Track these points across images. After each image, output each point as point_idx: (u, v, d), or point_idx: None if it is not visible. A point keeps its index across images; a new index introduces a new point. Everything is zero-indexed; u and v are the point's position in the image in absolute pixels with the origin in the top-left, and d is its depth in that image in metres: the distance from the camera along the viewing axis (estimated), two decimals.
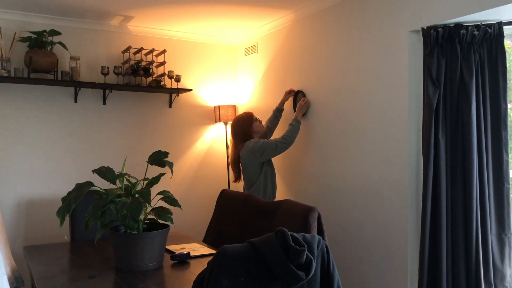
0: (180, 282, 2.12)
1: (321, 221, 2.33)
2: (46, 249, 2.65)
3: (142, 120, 4.04)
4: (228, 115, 4.21)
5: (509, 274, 2.47)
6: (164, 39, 4.11)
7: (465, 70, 2.47)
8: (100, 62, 3.82)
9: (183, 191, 4.15)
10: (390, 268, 2.80)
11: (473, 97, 2.45)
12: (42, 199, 3.60)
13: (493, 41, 2.45)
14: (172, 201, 2.23)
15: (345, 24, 3.17)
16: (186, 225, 3.91)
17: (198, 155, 4.32)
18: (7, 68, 3.33)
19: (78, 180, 2.26)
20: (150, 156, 2.30)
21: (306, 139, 3.58)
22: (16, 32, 3.45)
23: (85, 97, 3.78)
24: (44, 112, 3.63)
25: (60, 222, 2.03)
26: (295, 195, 3.64)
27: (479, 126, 2.46)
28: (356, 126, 3.07)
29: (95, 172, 2.19)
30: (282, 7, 3.52)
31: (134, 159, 3.64)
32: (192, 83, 4.25)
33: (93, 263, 2.34)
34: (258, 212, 2.79)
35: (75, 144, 3.75)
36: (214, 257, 1.49)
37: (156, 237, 2.17)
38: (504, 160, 2.46)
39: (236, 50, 4.53)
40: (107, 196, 2.13)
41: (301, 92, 3.60)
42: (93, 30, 3.83)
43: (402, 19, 2.73)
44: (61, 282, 2.05)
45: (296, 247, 1.52)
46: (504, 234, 2.47)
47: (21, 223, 3.54)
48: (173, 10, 3.54)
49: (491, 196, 2.47)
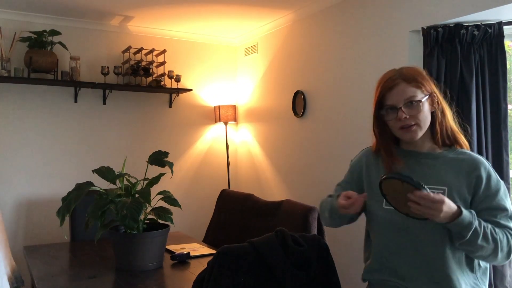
0: (180, 282, 2.12)
1: (321, 221, 2.33)
2: (46, 249, 2.64)
3: (142, 120, 4.04)
4: (228, 115, 4.21)
5: (509, 274, 2.47)
6: (164, 39, 4.11)
7: (465, 70, 2.47)
8: (100, 62, 3.82)
9: (183, 191, 4.15)
10: None
11: (473, 97, 2.45)
12: (42, 199, 3.60)
13: (493, 41, 2.44)
14: (172, 201, 2.23)
15: (345, 24, 3.17)
16: (186, 225, 3.91)
17: (198, 155, 4.32)
18: (7, 68, 3.33)
19: (78, 180, 2.26)
20: (150, 156, 2.30)
21: (306, 139, 3.58)
22: (16, 32, 3.45)
23: (85, 97, 3.78)
24: (44, 112, 3.63)
25: (60, 222, 2.03)
26: (295, 195, 3.64)
27: (479, 126, 2.45)
28: (356, 126, 3.07)
29: (95, 172, 2.19)
30: (282, 7, 3.52)
31: (134, 159, 3.63)
32: (192, 83, 4.25)
33: (93, 263, 2.33)
34: (258, 212, 2.79)
35: (75, 144, 3.75)
36: (214, 257, 1.49)
37: (156, 237, 2.17)
38: (504, 160, 2.46)
39: (236, 50, 4.53)
40: (107, 196, 2.13)
41: (300, 91, 3.60)
42: (93, 30, 3.83)
43: (402, 19, 2.73)
44: (61, 282, 2.05)
45: (296, 247, 1.52)
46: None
47: (21, 223, 3.54)
48: (173, 10, 3.54)
49: None
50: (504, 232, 1.40)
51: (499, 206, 1.42)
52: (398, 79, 1.45)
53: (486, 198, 1.42)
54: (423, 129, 1.45)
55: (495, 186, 1.44)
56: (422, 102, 1.43)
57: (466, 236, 1.32)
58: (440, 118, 1.47)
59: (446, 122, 1.49)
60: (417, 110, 1.42)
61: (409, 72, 1.47)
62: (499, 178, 1.46)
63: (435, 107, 1.47)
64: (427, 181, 1.38)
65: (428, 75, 1.51)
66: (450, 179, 1.44)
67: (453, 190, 1.42)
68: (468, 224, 1.32)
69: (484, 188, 1.43)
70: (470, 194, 1.44)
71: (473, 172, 1.44)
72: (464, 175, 1.44)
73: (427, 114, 1.45)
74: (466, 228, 1.32)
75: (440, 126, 1.48)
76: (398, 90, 1.44)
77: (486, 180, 1.44)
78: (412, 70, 1.49)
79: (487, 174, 1.45)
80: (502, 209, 1.42)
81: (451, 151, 1.49)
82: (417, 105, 1.42)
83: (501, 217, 1.42)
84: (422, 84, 1.45)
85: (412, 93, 1.43)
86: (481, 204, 1.43)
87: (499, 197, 1.44)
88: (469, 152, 1.50)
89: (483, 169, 1.44)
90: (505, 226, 1.41)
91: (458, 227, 1.33)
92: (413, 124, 1.43)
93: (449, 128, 1.49)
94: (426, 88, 1.45)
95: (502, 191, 1.45)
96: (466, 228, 1.32)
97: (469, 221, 1.32)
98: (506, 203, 1.45)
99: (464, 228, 1.32)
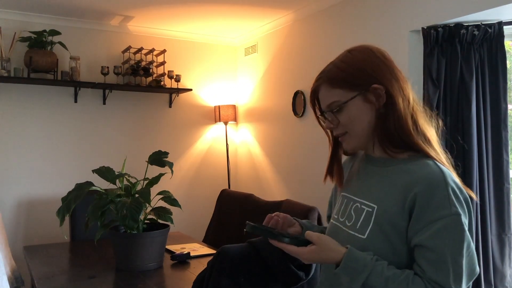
0: (180, 282, 2.12)
1: (321, 221, 2.33)
2: (46, 249, 2.64)
3: (142, 120, 4.04)
4: (228, 115, 4.21)
5: (509, 274, 2.47)
6: (164, 39, 4.11)
7: (465, 70, 2.47)
8: (100, 62, 3.82)
9: (183, 191, 4.15)
10: None
11: (473, 97, 2.45)
12: (42, 199, 3.60)
13: (493, 41, 2.44)
14: (172, 201, 2.23)
15: (345, 24, 3.17)
16: (186, 225, 3.91)
17: (198, 155, 4.32)
18: (7, 68, 3.33)
19: (78, 180, 2.25)
20: (150, 156, 2.29)
21: (306, 139, 3.58)
22: (16, 32, 3.44)
23: (85, 97, 3.78)
24: (44, 112, 3.63)
25: (60, 222, 2.03)
26: (295, 195, 3.64)
27: (479, 126, 2.45)
28: None
29: (95, 172, 2.18)
30: (282, 7, 3.52)
31: (134, 159, 3.63)
32: (192, 83, 4.25)
33: (93, 263, 2.33)
34: (258, 212, 2.79)
35: (75, 144, 3.74)
36: (214, 257, 1.49)
37: (156, 237, 2.17)
38: (504, 160, 2.46)
39: (236, 50, 4.53)
40: (107, 196, 2.13)
41: (300, 91, 3.61)
42: (93, 30, 3.83)
43: (402, 19, 2.73)
44: (61, 282, 2.05)
45: None
46: (504, 234, 2.47)
47: (21, 223, 3.54)
48: (173, 10, 3.54)
49: (491, 196, 2.47)
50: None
51: (431, 245, 0.98)
52: (321, 79, 1.15)
53: (420, 231, 1.00)
54: (357, 137, 1.12)
55: (437, 215, 0.98)
56: (347, 105, 1.09)
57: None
58: (383, 116, 1.09)
59: (396, 120, 1.08)
60: (339, 116, 1.11)
61: (338, 66, 1.12)
62: (452, 207, 0.99)
63: (379, 102, 1.09)
64: (361, 194, 1.12)
65: (387, 60, 1.13)
66: (383, 196, 1.07)
67: (380, 211, 1.06)
68: (352, 277, 1.01)
69: (420, 215, 1.00)
70: (405, 219, 1.03)
71: (413, 190, 1.02)
72: (400, 192, 1.04)
73: (358, 117, 1.10)
74: (352, 281, 1.01)
75: (385, 125, 1.09)
76: (321, 93, 1.16)
77: (426, 203, 1.00)
78: (344, 60, 1.13)
79: (432, 195, 1.00)
80: (434, 251, 0.98)
81: (410, 160, 1.09)
82: (340, 110, 1.11)
83: (429, 263, 0.98)
84: (348, 81, 1.10)
85: (332, 98, 1.11)
86: (414, 238, 1.01)
87: (438, 232, 0.98)
88: (432, 164, 1.05)
89: (428, 187, 1.00)
90: (431, 279, 0.98)
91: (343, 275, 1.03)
92: (343, 133, 1.13)
93: (400, 127, 1.08)
94: (355, 85, 1.09)
95: (448, 225, 0.98)
96: (352, 280, 1.02)
97: (351, 275, 1.01)
98: (444, 243, 0.97)
99: (350, 279, 1.02)
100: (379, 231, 1.05)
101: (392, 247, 1.04)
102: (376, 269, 0.99)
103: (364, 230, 1.07)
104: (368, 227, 1.06)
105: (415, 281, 0.99)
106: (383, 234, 1.04)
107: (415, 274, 1.00)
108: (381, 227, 1.05)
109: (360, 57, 1.12)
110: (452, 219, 0.98)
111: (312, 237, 1.04)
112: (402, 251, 1.04)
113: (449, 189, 1.00)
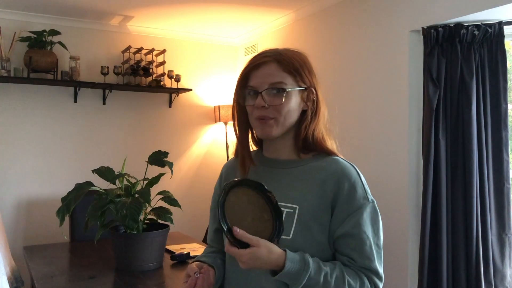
0: (180, 282, 2.11)
1: None
2: (46, 249, 2.64)
3: (142, 120, 4.04)
4: (228, 115, 4.21)
5: (509, 274, 2.47)
6: (164, 39, 4.10)
7: (465, 70, 2.46)
8: (100, 62, 3.82)
9: (183, 191, 4.15)
10: (390, 268, 2.80)
11: (473, 97, 2.44)
12: (42, 199, 3.60)
13: (493, 41, 2.44)
14: (172, 201, 2.23)
15: (345, 24, 3.17)
16: (186, 225, 3.91)
17: (198, 155, 4.32)
18: (7, 68, 3.33)
19: (78, 180, 2.25)
20: (150, 156, 2.29)
21: None
22: (16, 32, 3.44)
23: (85, 97, 3.78)
24: (44, 112, 3.63)
25: (60, 222, 2.03)
26: None
27: (479, 126, 2.45)
28: (356, 126, 3.07)
29: (95, 172, 2.18)
30: (282, 7, 3.52)
31: (134, 159, 3.63)
32: (192, 83, 4.25)
33: (93, 263, 2.33)
34: None
35: (75, 144, 3.74)
36: None
37: (156, 237, 2.17)
38: (504, 160, 2.46)
39: (236, 50, 4.53)
40: (107, 196, 2.13)
41: None
42: (93, 30, 3.83)
43: (402, 19, 2.72)
44: (61, 282, 2.05)
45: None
46: (504, 234, 2.47)
47: (21, 223, 3.54)
48: (173, 10, 3.54)
49: (491, 196, 2.47)
50: (357, 277, 1.05)
51: (356, 233, 1.05)
52: (269, 57, 1.12)
53: (344, 221, 1.06)
54: (282, 127, 1.12)
55: (357, 204, 1.07)
56: (289, 93, 1.10)
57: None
58: (309, 119, 1.14)
59: (315, 126, 1.15)
60: (280, 101, 1.09)
61: (289, 55, 1.13)
62: (368, 196, 1.09)
63: (308, 106, 1.14)
64: (277, 197, 1.05)
65: (310, 68, 1.17)
66: (302, 195, 1.09)
67: (304, 209, 1.08)
68: (294, 279, 1.00)
69: (342, 206, 1.07)
70: (328, 213, 1.08)
71: (332, 184, 1.08)
72: (320, 188, 1.09)
73: (293, 110, 1.12)
74: (294, 284, 1.01)
75: (306, 128, 1.14)
76: (264, 70, 1.11)
77: (346, 195, 1.07)
78: (296, 54, 1.15)
79: (350, 186, 1.08)
80: (360, 239, 1.05)
81: (316, 159, 1.15)
82: (282, 95, 1.09)
83: (356, 251, 1.05)
84: (300, 73, 1.12)
85: (281, 78, 1.10)
86: (339, 229, 1.07)
87: (360, 220, 1.06)
88: (340, 160, 1.15)
89: (346, 180, 1.08)
90: (361, 266, 1.05)
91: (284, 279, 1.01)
92: (271, 118, 1.11)
93: (317, 132, 1.16)
94: (303, 79, 1.12)
95: (368, 212, 1.07)
96: (293, 283, 1.01)
97: (294, 276, 1.00)
98: (368, 229, 1.06)
99: (291, 283, 1.02)
100: (304, 229, 1.07)
101: (317, 243, 1.08)
102: (314, 266, 1.02)
103: (288, 231, 1.08)
104: (292, 227, 1.08)
105: (348, 271, 1.05)
106: (308, 232, 1.07)
107: (344, 265, 1.06)
108: (305, 225, 1.07)
109: (306, 59, 1.17)
110: (370, 206, 1.09)
111: (252, 240, 0.97)
112: (326, 246, 1.09)
113: (362, 180, 1.12)
